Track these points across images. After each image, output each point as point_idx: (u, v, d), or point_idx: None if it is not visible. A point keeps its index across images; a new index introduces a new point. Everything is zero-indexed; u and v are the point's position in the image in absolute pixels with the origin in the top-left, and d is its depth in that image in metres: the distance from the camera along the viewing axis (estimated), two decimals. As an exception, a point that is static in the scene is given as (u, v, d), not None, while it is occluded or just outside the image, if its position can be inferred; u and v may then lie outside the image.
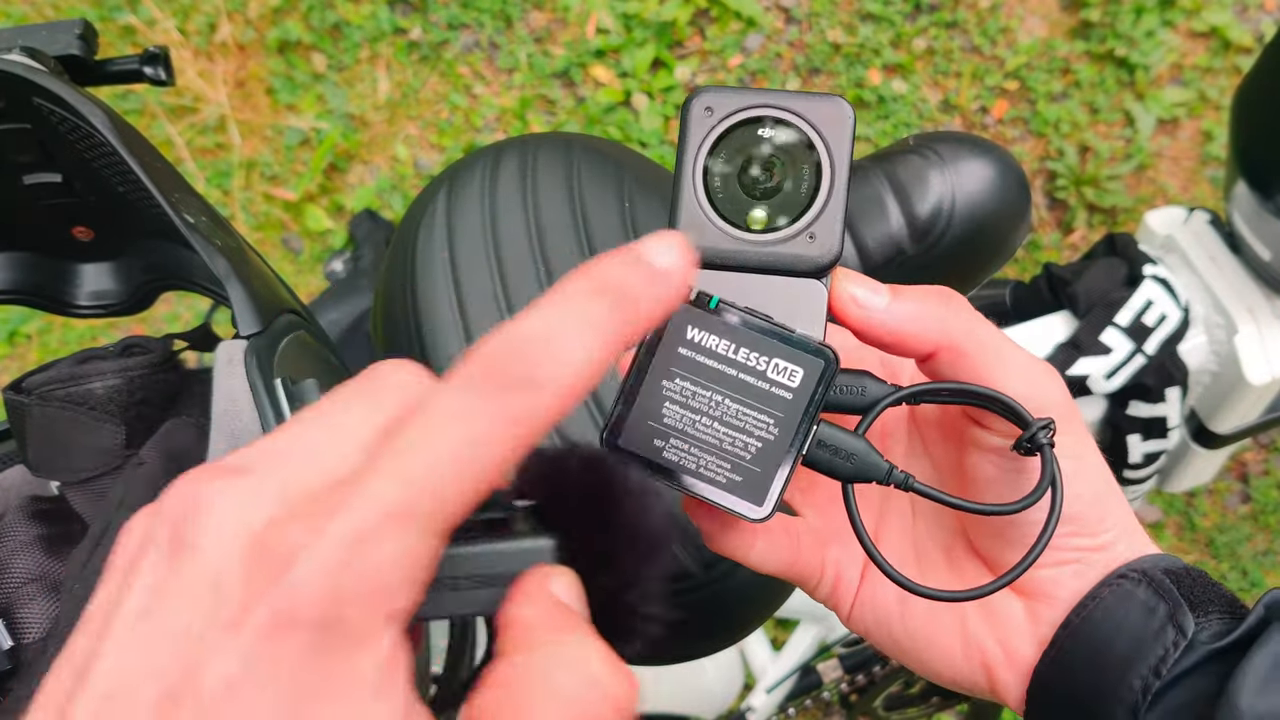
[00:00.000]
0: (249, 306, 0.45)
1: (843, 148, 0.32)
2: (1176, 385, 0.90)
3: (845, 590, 0.38)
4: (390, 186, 1.59)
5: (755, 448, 0.32)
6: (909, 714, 1.23)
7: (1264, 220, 0.87)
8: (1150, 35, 1.57)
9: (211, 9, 1.64)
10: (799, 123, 0.32)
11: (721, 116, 0.32)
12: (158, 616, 0.21)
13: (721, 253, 0.32)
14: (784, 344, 0.31)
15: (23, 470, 0.49)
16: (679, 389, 0.32)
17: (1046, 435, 0.31)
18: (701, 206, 0.32)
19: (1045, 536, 0.32)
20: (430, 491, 0.20)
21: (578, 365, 0.21)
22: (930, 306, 0.32)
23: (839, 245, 0.32)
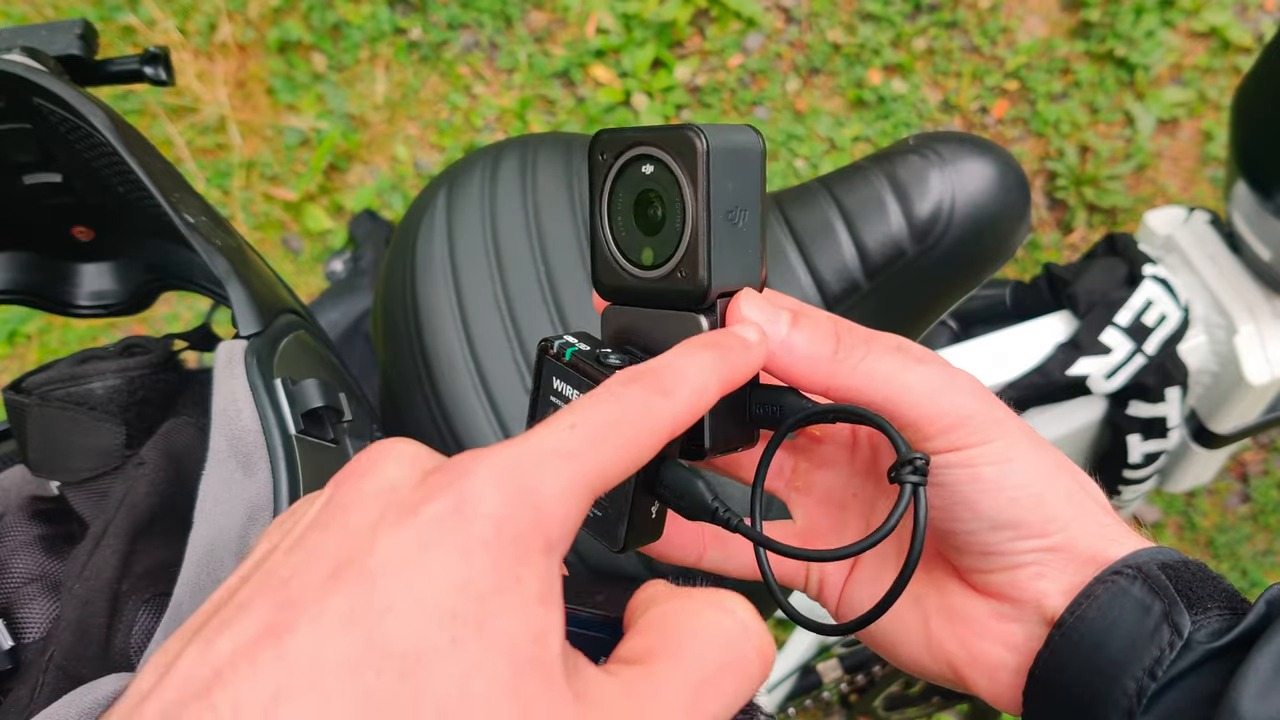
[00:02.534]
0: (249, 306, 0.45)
1: (698, 179, 0.31)
2: (1176, 385, 0.90)
3: (832, 590, 0.38)
4: (390, 186, 1.59)
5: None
6: (909, 714, 1.23)
7: (1264, 220, 0.87)
8: (1150, 35, 1.57)
9: (211, 9, 1.64)
10: (661, 156, 0.32)
11: (613, 158, 0.33)
12: (332, 524, 0.23)
13: (627, 290, 0.34)
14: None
15: (23, 470, 0.49)
16: None
17: (908, 472, 0.30)
18: (609, 246, 0.34)
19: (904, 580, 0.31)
20: (589, 441, 0.24)
21: (697, 387, 0.28)
22: (820, 345, 0.32)
23: (707, 279, 0.32)
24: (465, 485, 0.22)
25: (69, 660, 0.40)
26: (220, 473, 0.41)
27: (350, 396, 0.48)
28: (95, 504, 0.46)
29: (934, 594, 0.36)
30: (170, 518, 0.45)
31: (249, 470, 0.41)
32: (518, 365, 0.65)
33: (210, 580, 0.39)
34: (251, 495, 0.40)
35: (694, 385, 0.28)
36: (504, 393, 0.64)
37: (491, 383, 0.65)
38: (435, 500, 0.22)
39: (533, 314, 0.66)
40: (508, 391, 0.64)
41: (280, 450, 0.41)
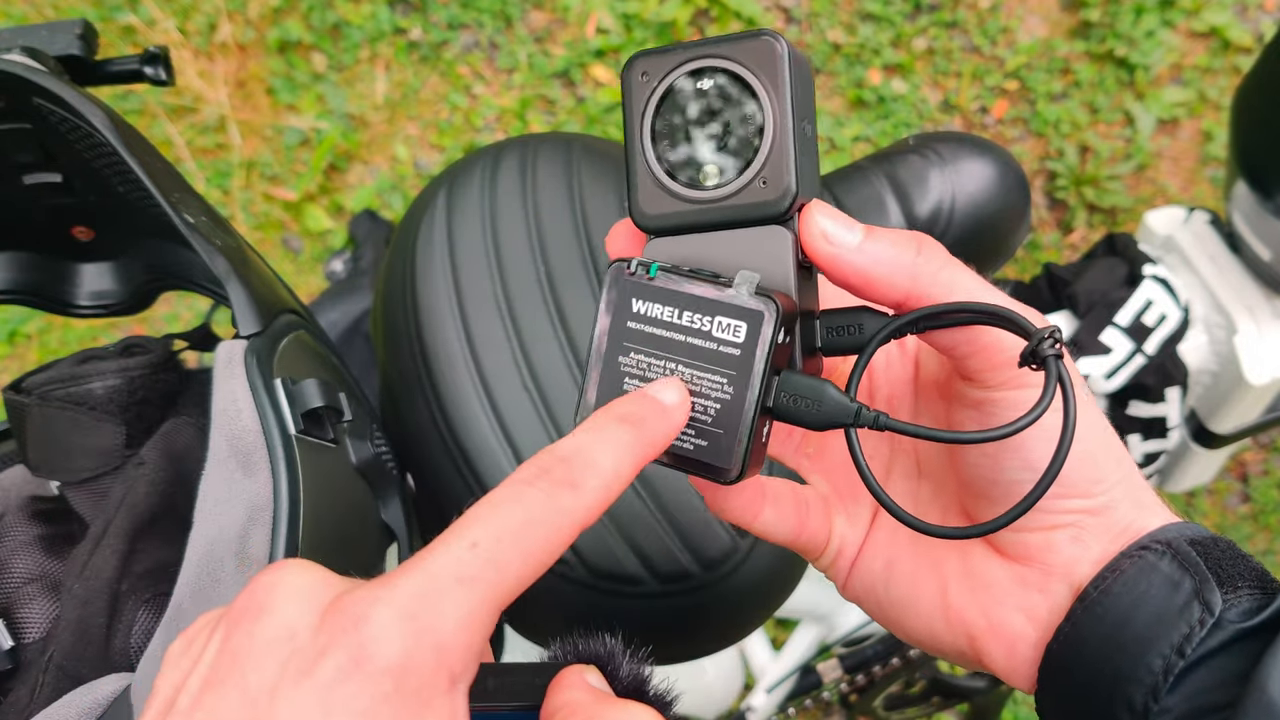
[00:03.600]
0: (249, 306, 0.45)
1: (780, 83, 0.30)
2: (1176, 385, 0.90)
3: (844, 560, 0.37)
4: (390, 186, 1.59)
5: (714, 410, 0.31)
6: (909, 714, 1.23)
7: (1264, 220, 0.87)
8: (1150, 35, 1.57)
9: (211, 9, 1.64)
10: (731, 66, 0.31)
11: (659, 78, 0.31)
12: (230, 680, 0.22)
13: (683, 215, 0.32)
14: (723, 299, 0.30)
15: (23, 470, 0.49)
16: (634, 362, 0.31)
17: (1051, 345, 0.29)
18: (655, 173, 0.32)
19: (1062, 453, 0.29)
20: (492, 561, 0.23)
21: (607, 473, 0.27)
22: (902, 250, 0.31)
23: (794, 185, 0.30)
24: (364, 633, 0.22)
25: (69, 660, 0.40)
26: (220, 473, 0.41)
27: (350, 396, 0.48)
28: (95, 504, 0.46)
29: (956, 559, 0.35)
30: (170, 518, 0.45)
31: (249, 470, 0.41)
32: (518, 365, 0.65)
33: (210, 580, 0.39)
34: (251, 495, 0.40)
35: (605, 474, 0.26)
36: (504, 392, 0.64)
37: (491, 383, 0.65)
38: (333, 652, 0.22)
39: (533, 314, 0.66)
40: (508, 391, 0.64)
41: (280, 450, 0.41)
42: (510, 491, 0.25)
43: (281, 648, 0.22)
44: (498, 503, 0.25)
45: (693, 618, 0.62)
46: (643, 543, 0.61)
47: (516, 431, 0.63)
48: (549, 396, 0.64)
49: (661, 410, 0.29)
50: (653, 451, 0.29)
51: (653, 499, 0.61)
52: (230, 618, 0.24)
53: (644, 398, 0.30)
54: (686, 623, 0.62)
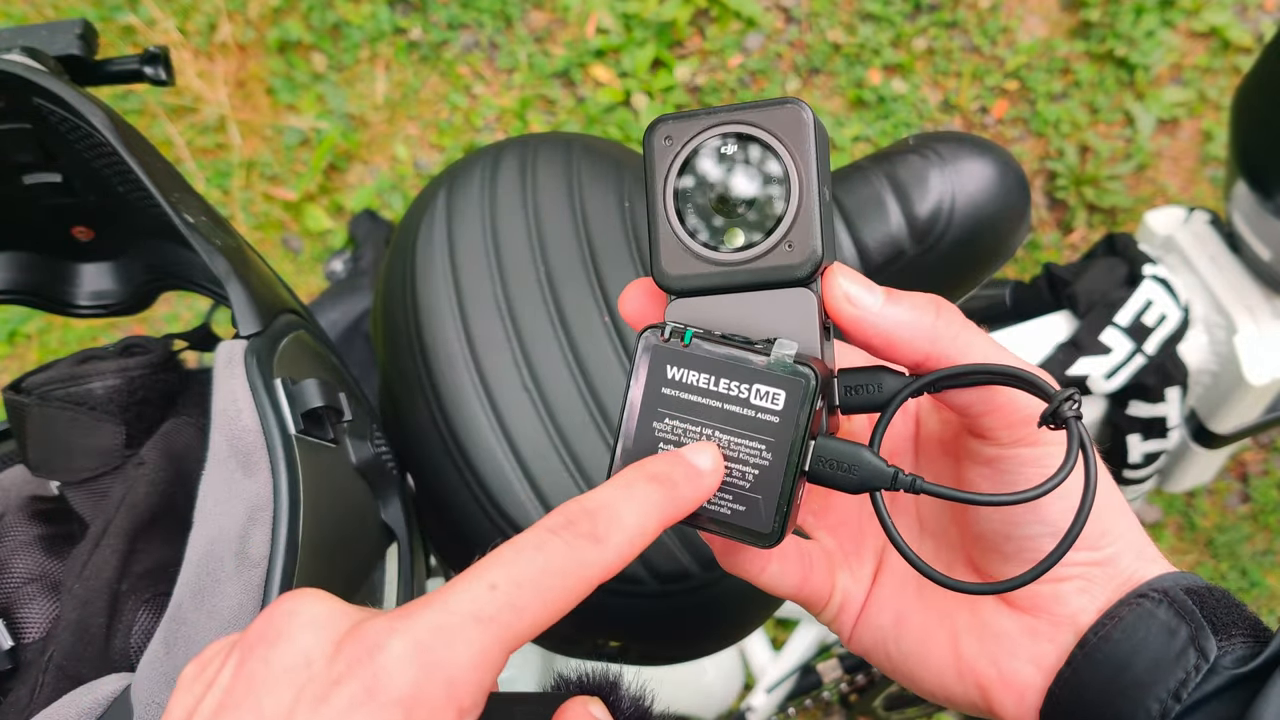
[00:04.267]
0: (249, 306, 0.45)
1: (805, 151, 0.31)
2: (1176, 385, 0.90)
3: (848, 614, 0.38)
4: (390, 186, 1.59)
5: (753, 475, 0.31)
6: (909, 714, 1.23)
7: (1264, 220, 0.87)
8: (1150, 35, 1.57)
9: (211, 9, 1.64)
10: (756, 133, 0.31)
11: (682, 143, 0.32)
12: (245, 705, 0.23)
13: (707, 277, 0.32)
14: (760, 368, 0.31)
15: (23, 470, 0.49)
16: (669, 428, 0.32)
17: (1072, 407, 0.30)
18: (678, 235, 0.32)
19: (1084, 511, 0.30)
20: (510, 605, 0.24)
21: (632, 530, 0.27)
22: (922, 313, 0.32)
23: (820, 249, 0.31)
24: (378, 664, 0.22)
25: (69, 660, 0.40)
26: (220, 473, 0.41)
27: (350, 396, 0.48)
28: (95, 504, 0.46)
29: (965, 612, 0.36)
30: (170, 518, 0.45)
31: (249, 470, 0.41)
32: (518, 365, 0.65)
33: (210, 580, 0.39)
34: (251, 495, 0.40)
35: (630, 531, 0.27)
36: (504, 392, 0.64)
37: (491, 383, 0.65)
38: (348, 682, 0.22)
39: (533, 314, 0.66)
40: (508, 391, 0.64)
41: (280, 450, 0.41)
42: (534, 538, 0.26)
43: (297, 675, 0.23)
44: (521, 548, 0.25)
45: (693, 618, 0.62)
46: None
47: (516, 431, 0.63)
48: (549, 396, 0.64)
49: (695, 474, 0.30)
50: (679, 513, 0.29)
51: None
52: (245, 643, 0.24)
53: (678, 459, 0.30)
54: (686, 623, 0.62)
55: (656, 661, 0.69)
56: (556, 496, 0.61)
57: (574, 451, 0.63)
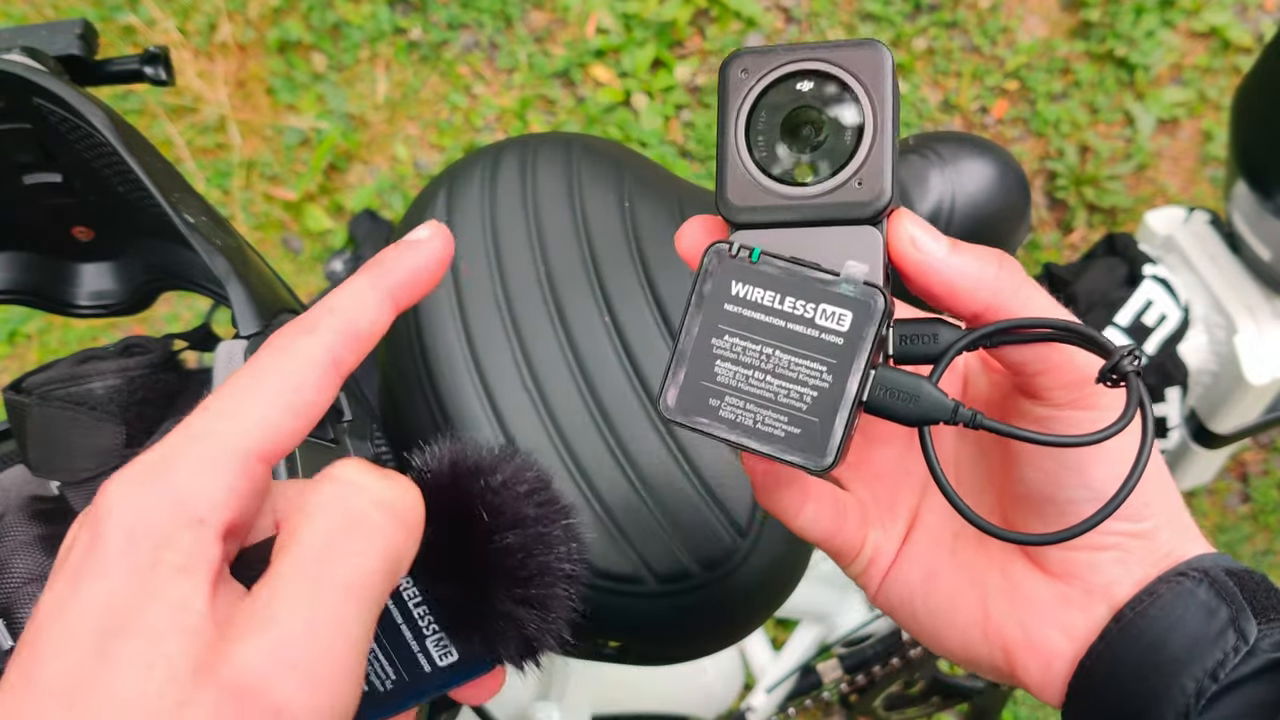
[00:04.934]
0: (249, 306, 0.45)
1: (883, 90, 0.31)
2: (1176, 385, 0.90)
3: (877, 569, 0.37)
4: (390, 186, 1.59)
5: (811, 397, 0.31)
6: (909, 714, 1.23)
7: (1264, 220, 0.87)
8: (1150, 35, 1.57)
9: (211, 9, 1.64)
10: (836, 71, 0.31)
11: (758, 76, 0.32)
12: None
13: (773, 210, 0.32)
14: (829, 288, 0.31)
15: (23, 470, 0.49)
16: (729, 345, 0.31)
17: (1132, 362, 0.29)
18: (747, 167, 0.32)
19: (1140, 464, 0.30)
20: (223, 413, 0.25)
21: (348, 309, 0.27)
22: (985, 264, 0.31)
23: (889, 187, 0.31)
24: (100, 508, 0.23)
25: (69, 660, 0.40)
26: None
27: (350, 396, 0.48)
28: (95, 504, 0.46)
29: (997, 573, 0.35)
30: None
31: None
32: (518, 365, 0.65)
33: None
34: (251, 495, 0.40)
35: (343, 309, 0.27)
36: (504, 392, 0.64)
37: (491, 383, 0.65)
38: (80, 539, 0.24)
39: (533, 314, 0.66)
40: (508, 391, 0.64)
41: (280, 450, 0.41)
42: (250, 361, 0.27)
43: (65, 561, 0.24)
44: (238, 372, 0.26)
45: (693, 618, 0.62)
46: (642, 542, 0.61)
47: (516, 431, 0.63)
48: (549, 396, 0.64)
49: (406, 246, 0.29)
50: (403, 277, 0.29)
51: (653, 499, 0.61)
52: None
53: (397, 242, 0.30)
54: (686, 623, 0.62)
55: (656, 661, 0.69)
56: (556, 496, 0.61)
57: (574, 451, 0.63)
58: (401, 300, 0.29)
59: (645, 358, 0.65)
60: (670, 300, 0.66)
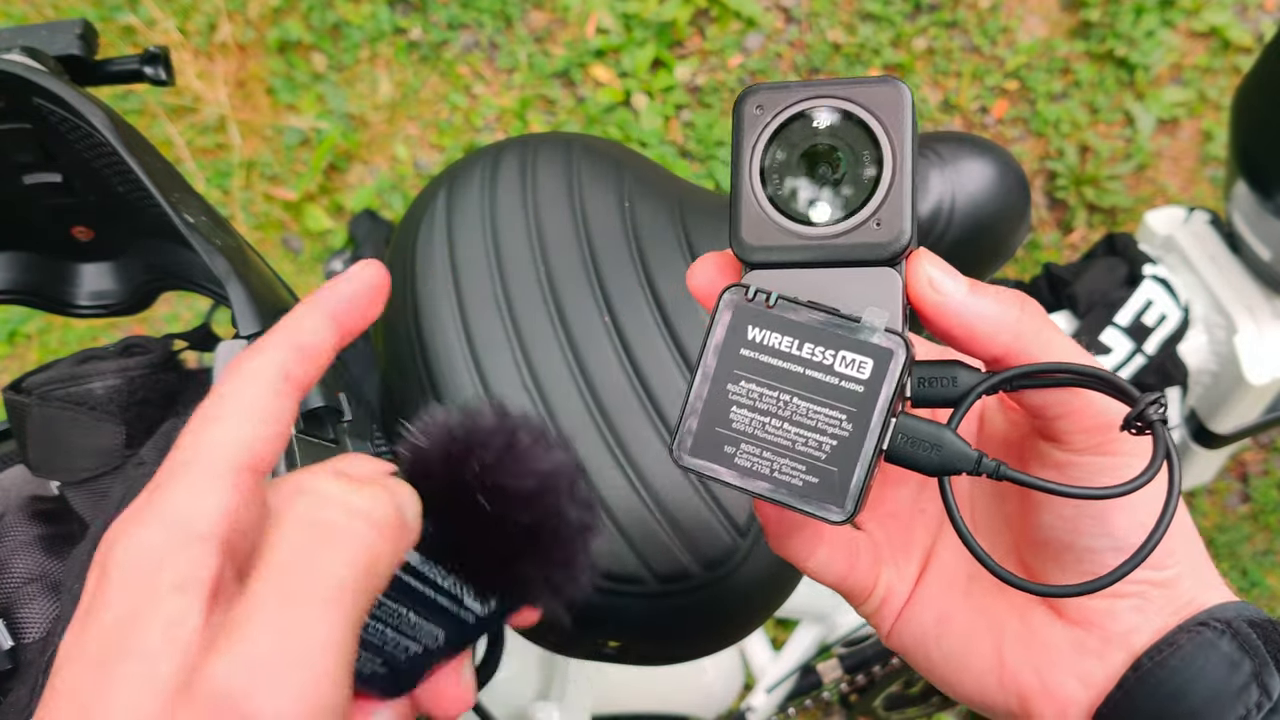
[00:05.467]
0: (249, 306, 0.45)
1: (902, 129, 0.30)
2: (1176, 385, 0.90)
3: (890, 609, 0.37)
4: (390, 186, 1.59)
5: (830, 446, 0.30)
6: (909, 714, 1.23)
7: (1264, 220, 0.87)
8: (1150, 35, 1.57)
9: (211, 9, 1.64)
10: (854, 109, 0.31)
11: (774, 113, 0.31)
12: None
13: (789, 250, 0.31)
14: (849, 335, 0.30)
15: (23, 470, 0.49)
16: (745, 391, 0.31)
17: (1158, 410, 0.29)
18: (762, 206, 0.31)
19: (1167, 516, 0.29)
20: (203, 437, 0.26)
21: (286, 330, 0.29)
22: (1006, 307, 0.30)
23: (909, 228, 0.30)
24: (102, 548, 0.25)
25: (69, 660, 0.40)
26: (220, 473, 0.41)
27: (350, 396, 0.48)
28: (95, 504, 0.46)
29: (1015, 619, 0.35)
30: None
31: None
32: (518, 365, 0.65)
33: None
34: (251, 495, 0.40)
35: (286, 328, 0.29)
36: (504, 392, 0.64)
37: (491, 383, 0.65)
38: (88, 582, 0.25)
39: (533, 314, 0.66)
40: (508, 391, 0.64)
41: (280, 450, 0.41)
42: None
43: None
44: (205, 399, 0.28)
45: (693, 618, 0.62)
46: (643, 542, 0.61)
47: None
48: (549, 397, 0.64)
49: (343, 275, 0.30)
50: (333, 301, 0.30)
51: (653, 499, 0.61)
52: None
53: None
54: (686, 623, 0.62)
55: (656, 661, 0.69)
56: (556, 496, 0.61)
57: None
58: (343, 319, 0.30)
59: (645, 358, 0.65)
60: (670, 300, 0.66)
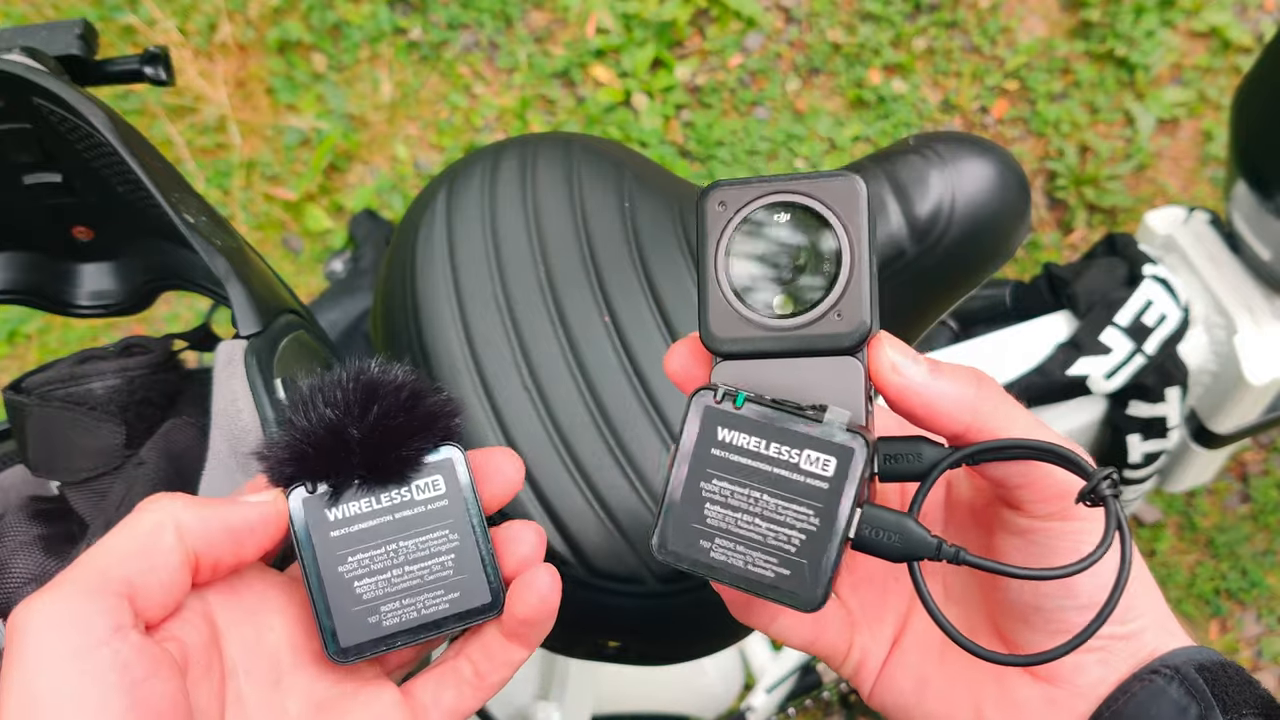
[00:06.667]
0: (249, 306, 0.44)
1: (858, 222, 0.31)
2: (1176, 385, 0.90)
3: (868, 672, 0.38)
4: (390, 186, 1.59)
5: (799, 540, 0.31)
6: (909, 714, 1.22)
7: (1264, 220, 0.87)
8: (1150, 35, 1.57)
9: (211, 9, 1.64)
10: (812, 204, 0.32)
11: (735, 209, 0.32)
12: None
13: (755, 340, 0.32)
14: (812, 433, 0.31)
15: (23, 470, 0.49)
16: (717, 489, 0.32)
17: (1110, 486, 0.30)
18: (728, 298, 0.32)
19: (1118, 590, 0.30)
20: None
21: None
22: (964, 386, 0.32)
23: (868, 319, 0.31)
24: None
25: (69, 660, 0.40)
26: (220, 473, 0.41)
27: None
28: (95, 504, 0.46)
29: (991, 681, 0.36)
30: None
31: (249, 470, 0.41)
32: (517, 366, 0.65)
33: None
34: (251, 495, 0.40)
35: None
36: (504, 392, 0.64)
37: (491, 383, 0.65)
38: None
39: (533, 314, 0.66)
40: (507, 391, 0.64)
41: (280, 450, 0.41)
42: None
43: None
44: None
45: (693, 617, 0.62)
46: (643, 542, 0.61)
47: (516, 431, 0.63)
48: (549, 396, 0.64)
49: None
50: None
51: (653, 499, 0.61)
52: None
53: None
54: (686, 623, 0.62)
55: (656, 661, 0.69)
56: (556, 496, 0.61)
57: (574, 451, 0.63)
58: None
59: (645, 358, 0.65)
60: (670, 300, 0.66)
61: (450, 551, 0.33)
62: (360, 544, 0.33)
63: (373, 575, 0.33)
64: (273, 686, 0.33)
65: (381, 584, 0.33)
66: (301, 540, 0.33)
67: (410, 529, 0.33)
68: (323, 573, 0.33)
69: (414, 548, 0.33)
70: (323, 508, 0.33)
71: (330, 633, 0.33)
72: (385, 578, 0.33)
